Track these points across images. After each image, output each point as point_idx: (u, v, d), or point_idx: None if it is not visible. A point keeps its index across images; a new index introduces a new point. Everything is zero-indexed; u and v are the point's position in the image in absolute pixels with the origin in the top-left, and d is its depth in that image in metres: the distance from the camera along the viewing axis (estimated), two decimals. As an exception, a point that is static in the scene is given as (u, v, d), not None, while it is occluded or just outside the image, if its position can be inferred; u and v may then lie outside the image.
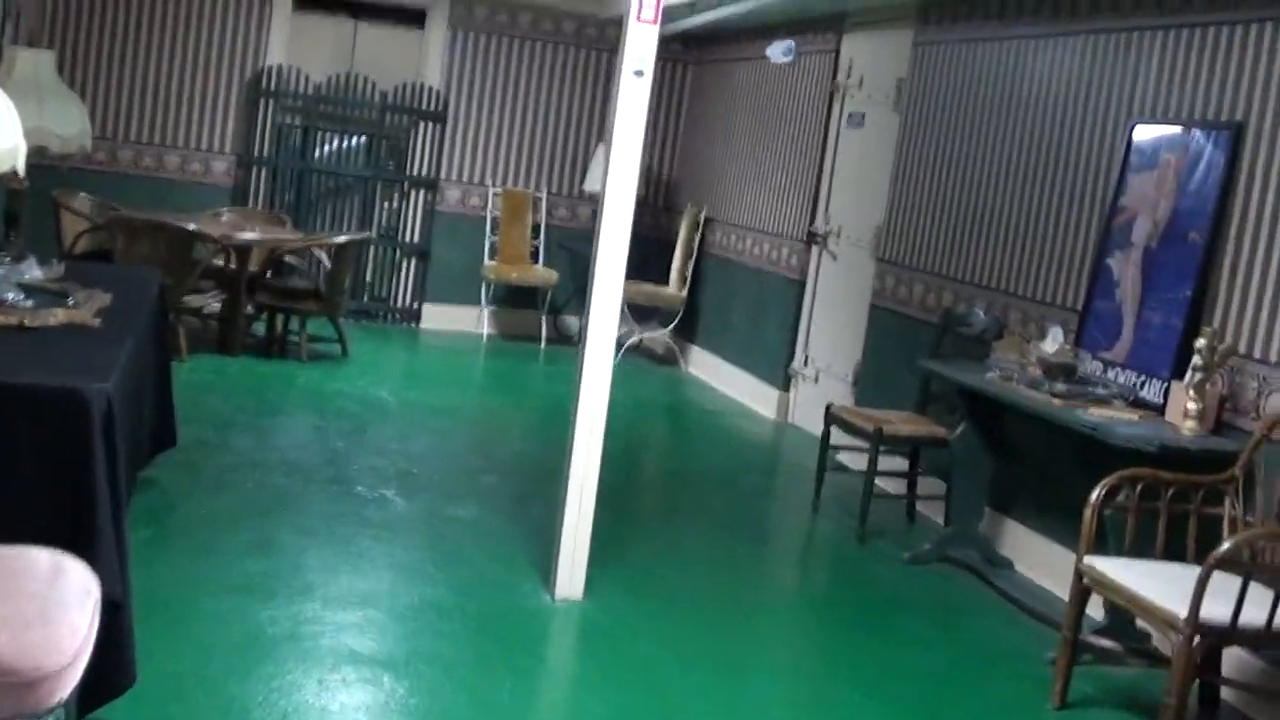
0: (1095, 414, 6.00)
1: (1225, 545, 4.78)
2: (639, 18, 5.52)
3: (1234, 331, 6.01)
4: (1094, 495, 5.40)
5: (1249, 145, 6.06)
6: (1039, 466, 7.06)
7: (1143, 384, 6.36)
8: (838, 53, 10.10)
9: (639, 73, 5.57)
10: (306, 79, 11.82)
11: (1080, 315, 6.90)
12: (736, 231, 11.52)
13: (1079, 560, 5.34)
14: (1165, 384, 6.21)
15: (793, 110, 10.75)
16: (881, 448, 7.23)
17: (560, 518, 5.74)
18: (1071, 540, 6.48)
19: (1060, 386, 6.24)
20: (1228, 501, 5.57)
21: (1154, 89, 6.70)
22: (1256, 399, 5.86)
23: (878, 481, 7.38)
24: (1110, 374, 6.54)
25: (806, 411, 9.97)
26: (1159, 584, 5.00)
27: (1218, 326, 6.08)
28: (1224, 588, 4.69)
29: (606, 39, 12.47)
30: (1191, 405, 5.86)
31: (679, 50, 12.76)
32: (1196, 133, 6.35)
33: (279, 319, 10.33)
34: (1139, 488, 5.48)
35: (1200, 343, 5.81)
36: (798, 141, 10.59)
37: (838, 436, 7.68)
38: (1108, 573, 5.21)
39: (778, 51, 10.71)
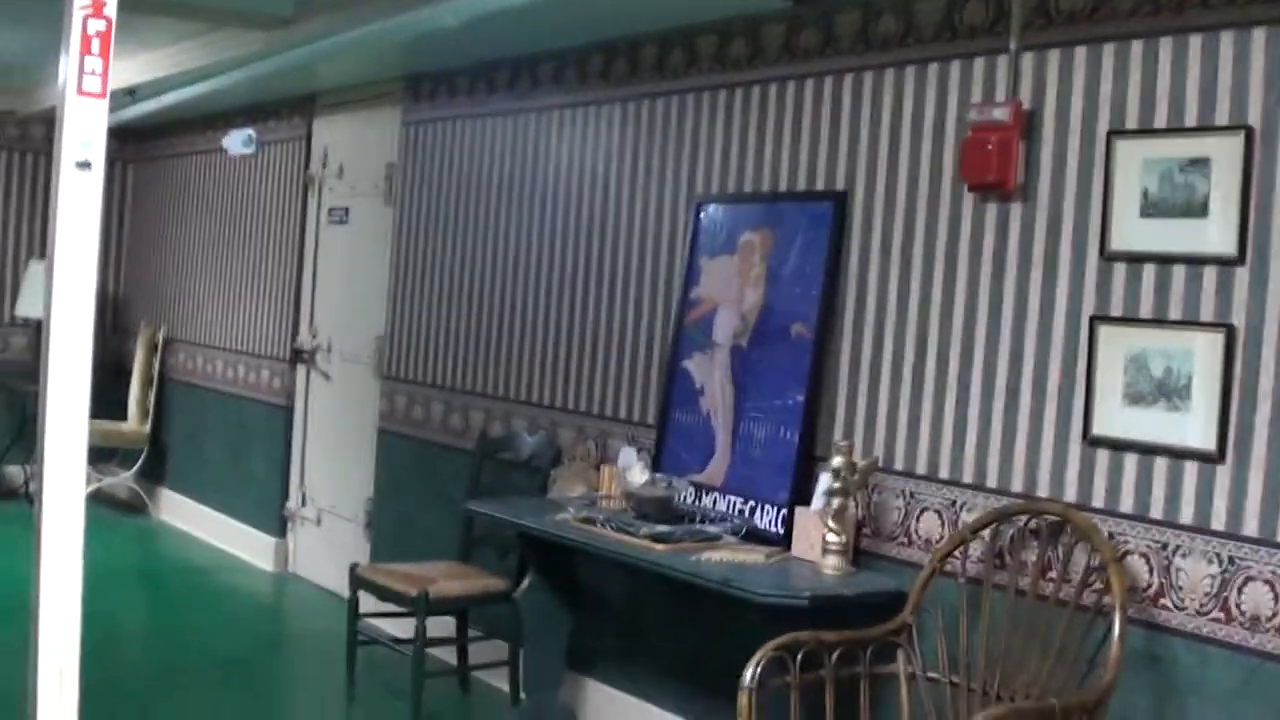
0: (713, 559, 4.59)
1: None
2: (80, 90, 3.60)
3: (863, 440, 4.74)
4: (747, 676, 3.96)
5: (858, 218, 4.83)
6: (630, 617, 5.57)
7: (752, 511, 4.99)
8: (309, 138, 8.36)
9: (85, 164, 3.64)
10: None
11: (657, 431, 5.47)
12: (204, 353, 9.52)
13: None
14: (782, 510, 4.85)
15: (261, 209, 8.93)
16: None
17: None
18: (683, 702, 5.07)
19: (663, 528, 4.77)
20: (901, 656, 4.26)
21: (721, 159, 5.40)
22: (904, 520, 4.61)
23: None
24: (706, 501, 5.14)
25: (312, 560, 8.13)
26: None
27: (842, 436, 4.79)
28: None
29: (31, 137, 10.18)
30: (832, 538, 4.54)
31: (116, 147, 10.57)
32: (787, 206, 5.08)
33: None
34: (799, 656, 4.05)
35: (836, 461, 4.51)
36: (270, 245, 8.77)
37: (368, 602, 5.89)
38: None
39: (236, 142, 8.89)
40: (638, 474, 5.00)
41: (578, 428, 6.00)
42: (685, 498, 5.10)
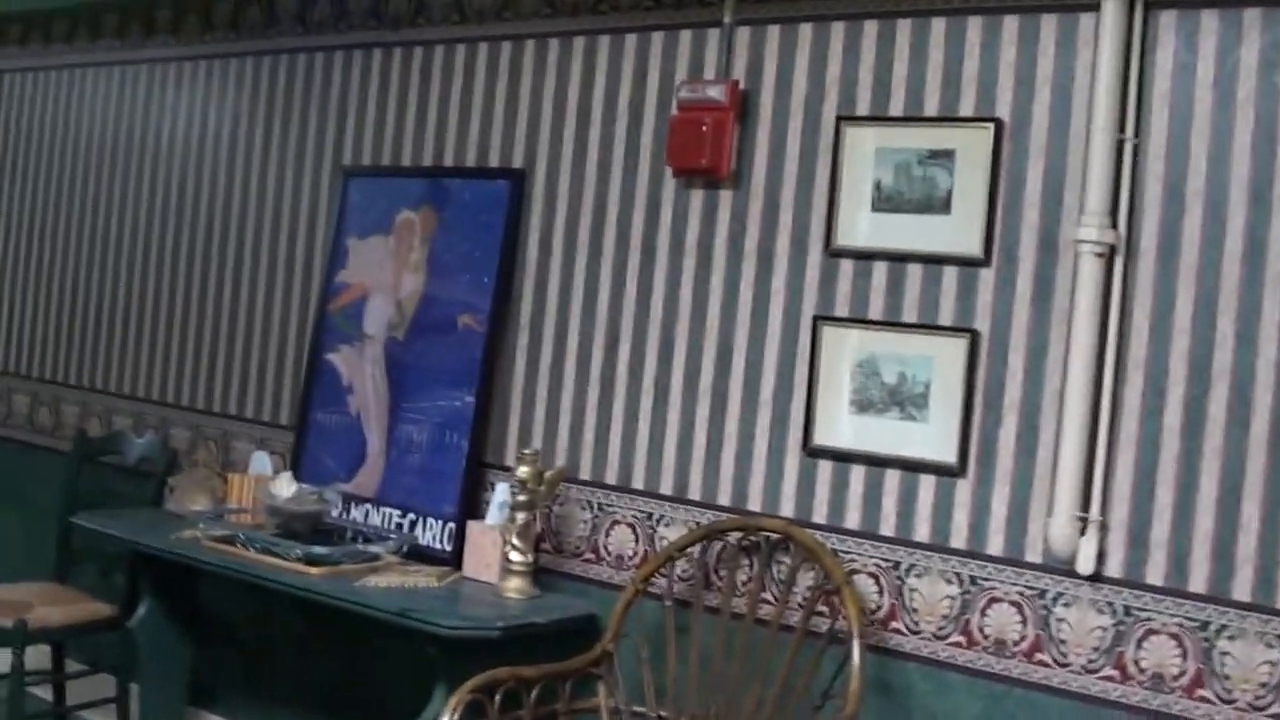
0: (379, 584, 3.91)
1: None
2: None
3: (544, 446, 4.20)
4: (445, 722, 3.32)
5: (539, 200, 4.26)
6: (263, 646, 4.78)
7: (413, 525, 4.33)
8: None
9: None
10: None
11: (295, 434, 4.71)
12: None
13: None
14: (449, 525, 4.23)
15: None
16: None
17: None
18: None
19: (320, 550, 4.04)
20: (602, 689, 3.73)
21: (375, 127, 4.71)
22: (591, 535, 4.08)
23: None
24: (357, 513, 4.45)
25: None
26: None
27: (518, 441, 4.24)
28: None
29: None
30: (517, 557, 3.96)
31: None
32: (454, 184, 4.43)
33: None
34: (497, 696, 3.45)
35: (522, 471, 3.92)
36: None
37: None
38: None
39: None
40: (284, 485, 4.23)
41: (193, 427, 5.14)
42: (338, 512, 4.37)
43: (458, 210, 4.43)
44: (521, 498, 3.95)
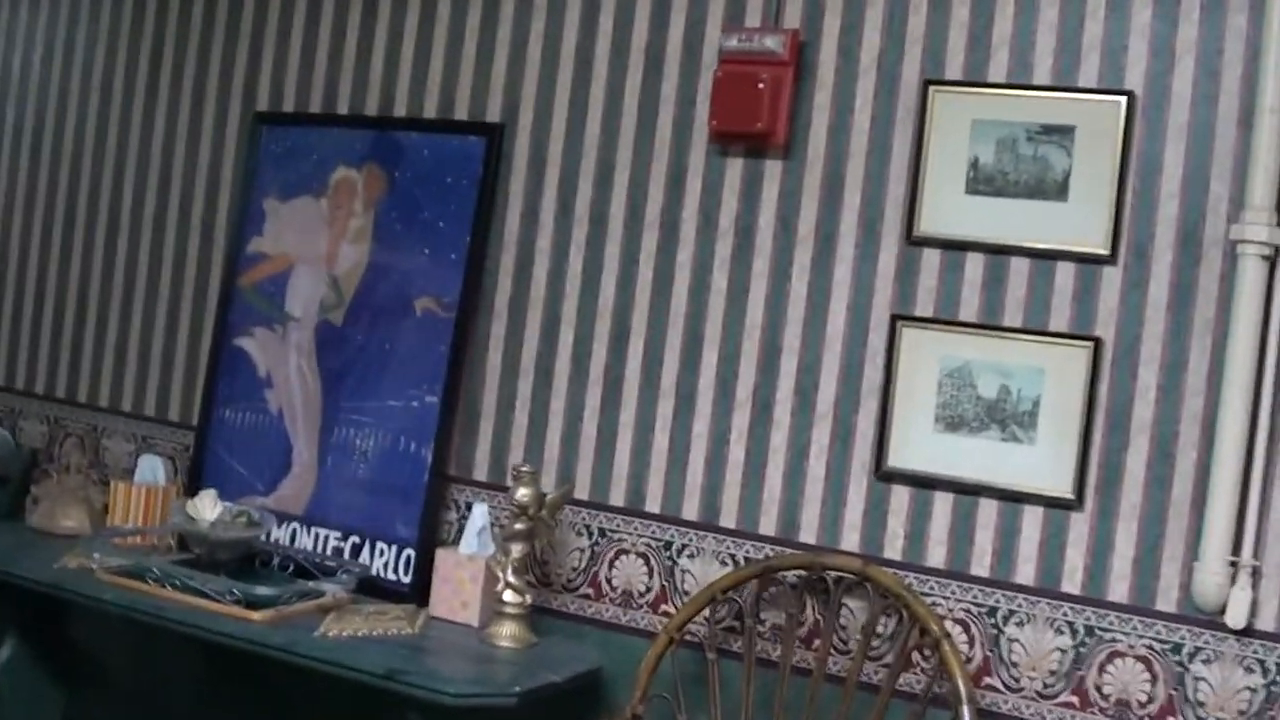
0: (341, 631, 3.17)
1: None
2: None
3: (528, 458, 3.47)
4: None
5: (521, 162, 3.54)
6: (149, 689, 3.92)
7: (356, 550, 3.57)
8: None
9: None
10: None
11: (196, 433, 3.87)
12: None
13: None
14: (407, 551, 3.49)
15: None
16: None
17: None
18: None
19: (263, 590, 3.26)
20: (627, 762, 3.08)
21: (301, 65, 3.89)
22: (590, 565, 3.42)
23: None
24: (280, 533, 3.65)
25: None
26: None
27: (492, 450, 3.52)
28: None
29: None
30: (513, 597, 3.27)
31: None
32: (410, 138, 3.66)
33: None
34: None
35: (521, 493, 3.22)
36: None
37: None
38: None
39: None
40: (207, 505, 3.40)
41: (50, 420, 4.21)
42: (270, 535, 3.57)
43: (414, 170, 3.65)
44: (519, 526, 3.25)
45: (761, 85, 3.15)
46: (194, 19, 4.06)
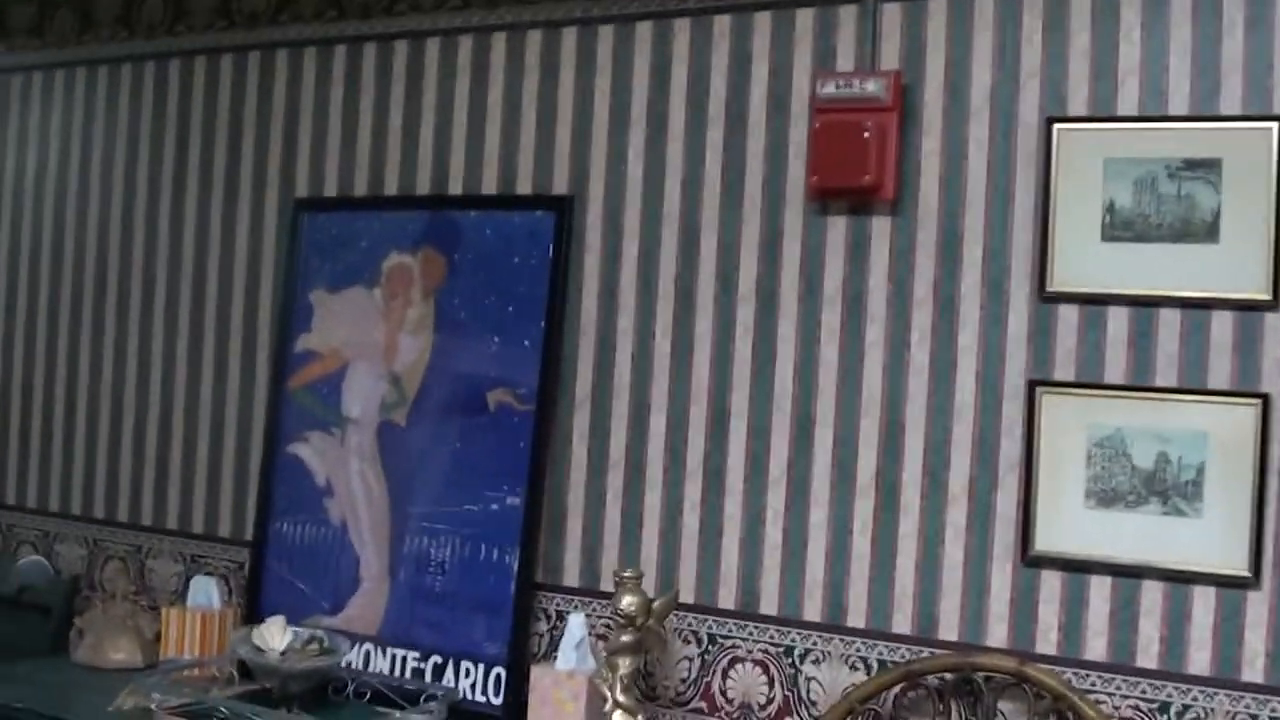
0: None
1: None
2: None
3: (620, 560, 3.14)
4: None
5: (595, 234, 3.23)
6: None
7: (438, 672, 3.24)
8: None
9: None
10: None
11: (251, 549, 3.55)
12: None
13: None
14: (497, 670, 3.17)
15: None
16: None
17: None
18: None
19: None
20: None
21: (342, 146, 3.59)
22: (699, 675, 3.08)
23: None
24: (354, 655, 3.32)
25: None
26: None
27: (583, 554, 3.19)
28: None
29: None
30: (622, 718, 2.89)
31: None
32: (467, 217, 3.36)
33: None
34: None
35: (626, 602, 2.89)
36: None
37: None
38: None
39: None
40: (275, 634, 3.07)
41: (88, 542, 3.88)
42: (346, 662, 3.24)
43: (475, 251, 3.35)
44: (625, 638, 2.92)
45: (867, 135, 2.85)
46: (220, 103, 3.78)
